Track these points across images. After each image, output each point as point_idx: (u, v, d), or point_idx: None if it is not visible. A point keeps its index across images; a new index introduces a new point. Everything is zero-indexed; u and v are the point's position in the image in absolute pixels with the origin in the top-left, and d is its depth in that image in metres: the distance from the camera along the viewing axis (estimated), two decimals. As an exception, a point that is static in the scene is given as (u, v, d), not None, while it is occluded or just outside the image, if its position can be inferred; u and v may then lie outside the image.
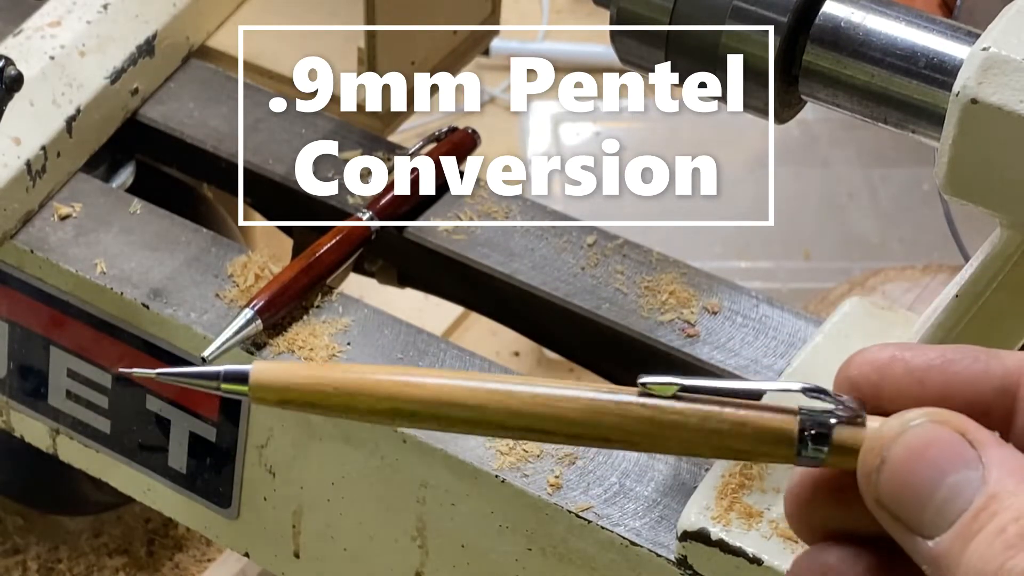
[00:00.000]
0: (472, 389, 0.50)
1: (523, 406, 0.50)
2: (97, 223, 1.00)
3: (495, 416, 0.50)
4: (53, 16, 1.04)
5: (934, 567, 0.46)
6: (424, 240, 1.00)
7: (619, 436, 0.50)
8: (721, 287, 0.97)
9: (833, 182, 1.69)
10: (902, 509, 0.47)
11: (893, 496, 0.47)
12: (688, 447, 0.50)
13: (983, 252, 0.73)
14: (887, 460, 0.47)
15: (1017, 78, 0.67)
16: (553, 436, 0.51)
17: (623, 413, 0.50)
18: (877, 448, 0.47)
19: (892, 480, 0.47)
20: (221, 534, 1.00)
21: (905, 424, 0.47)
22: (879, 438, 0.48)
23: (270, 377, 0.51)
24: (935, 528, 0.46)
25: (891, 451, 0.47)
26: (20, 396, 1.04)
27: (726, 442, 0.50)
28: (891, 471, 0.47)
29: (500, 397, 0.50)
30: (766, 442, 0.50)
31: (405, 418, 0.51)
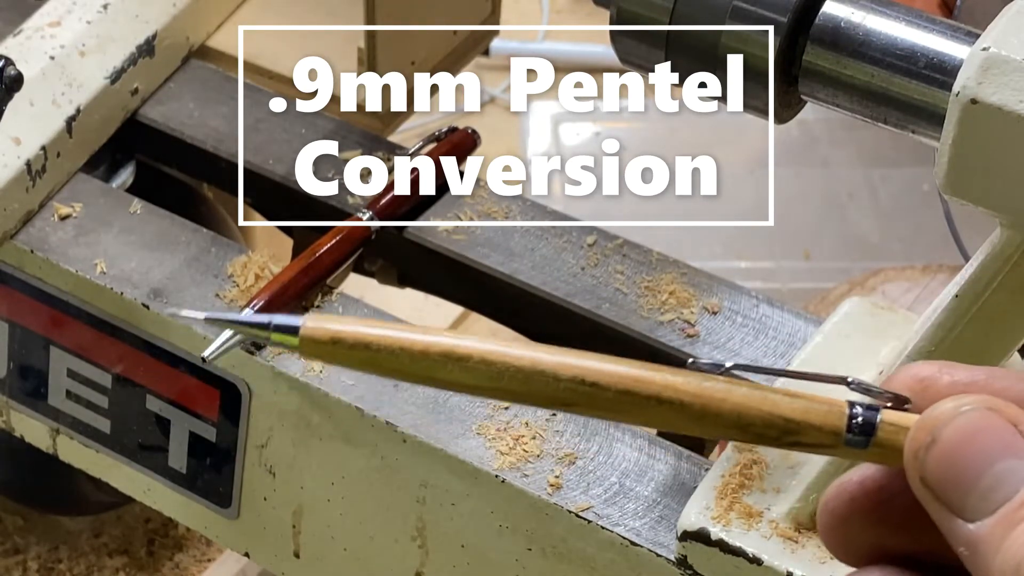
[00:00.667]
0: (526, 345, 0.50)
1: (576, 358, 0.50)
2: (97, 223, 1.00)
3: (549, 366, 0.50)
4: (53, 16, 1.04)
5: (972, 550, 0.46)
6: (424, 240, 1.00)
7: (671, 395, 0.50)
8: (721, 287, 0.97)
9: (833, 182, 1.69)
10: (947, 490, 0.47)
11: (939, 476, 0.47)
12: (739, 416, 0.50)
13: (983, 252, 0.73)
14: (938, 440, 0.47)
15: (1017, 78, 0.67)
16: (603, 391, 0.50)
17: (675, 375, 0.50)
18: (929, 427, 0.48)
19: (940, 460, 0.47)
20: (221, 534, 1.00)
21: (959, 407, 0.48)
22: (931, 418, 0.48)
23: (321, 329, 0.50)
24: (977, 512, 0.46)
25: (943, 432, 0.47)
26: (20, 396, 1.04)
27: (779, 410, 0.50)
28: (940, 451, 0.47)
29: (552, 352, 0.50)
30: (817, 415, 0.49)
31: (456, 363, 0.50)
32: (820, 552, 0.80)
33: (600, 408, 0.50)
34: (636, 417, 0.50)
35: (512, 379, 0.50)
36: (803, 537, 0.80)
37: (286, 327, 0.51)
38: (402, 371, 0.50)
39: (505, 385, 0.50)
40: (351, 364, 0.51)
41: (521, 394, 0.50)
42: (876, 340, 0.86)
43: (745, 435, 0.50)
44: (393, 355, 0.50)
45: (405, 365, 0.50)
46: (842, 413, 0.50)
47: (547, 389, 0.50)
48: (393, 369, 0.50)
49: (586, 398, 0.50)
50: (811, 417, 0.50)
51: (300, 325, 0.51)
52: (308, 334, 0.50)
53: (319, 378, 0.91)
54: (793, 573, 0.79)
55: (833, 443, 0.50)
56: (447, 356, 0.50)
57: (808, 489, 0.80)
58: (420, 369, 0.50)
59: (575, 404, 0.50)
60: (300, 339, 0.51)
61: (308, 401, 0.92)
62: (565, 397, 0.50)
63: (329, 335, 0.50)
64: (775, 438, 0.50)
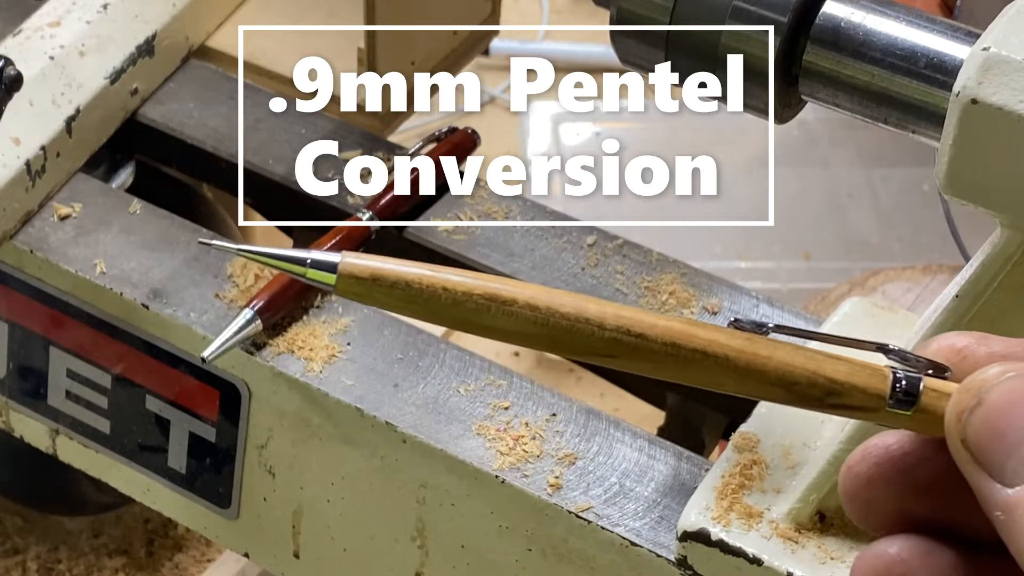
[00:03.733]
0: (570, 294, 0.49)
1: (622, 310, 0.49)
2: (97, 223, 1.00)
3: (594, 314, 0.49)
4: (53, 16, 1.04)
5: (1008, 515, 0.46)
6: (424, 240, 1.00)
7: (716, 349, 0.49)
8: (721, 287, 0.97)
9: (833, 182, 1.69)
10: (987, 453, 0.47)
11: (981, 439, 0.47)
12: (784, 374, 0.49)
13: (983, 252, 0.73)
14: (983, 402, 0.47)
15: (1017, 78, 0.67)
16: (649, 343, 0.49)
17: (718, 331, 0.49)
18: (975, 389, 0.48)
19: (984, 423, 0.47)
20: (221, 534, 1.00)
21: (1005, 371, 0.48)
22: (978, 380, 0.48)
23: (360, 266, 0.49)
24: (1017, 477, 0.46)
25: (989, 394, 0.47)
26: (20, 396, 1.04)
27: (823, 369, 0.49)
28: (985, 413, 0.47)
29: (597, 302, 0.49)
30: (861, 377, 0.49)
31: (499, 307, 0.48)
32: (820, 552, 0.80)
33: (644, 360, 0.49)
34: (680, 372, 0.49)
35: (556, 327, 0.49)
36: (803, 537, 0.80)
37: (324, 263, 0.49)
38: (442, 314, 0.49)
39: (549, 332, 0.49)
40: (389, 305, 0.49)
41: (564, 343, 0.49)
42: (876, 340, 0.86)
43: (789, 394, 0.49)
44: (434, 296, 0.49)
45: (446, 308, 0.49)
46: (885, 377, 0.49)
47: (591, 339, 0.49)
48: (433, 311, 0.49)
49: (631, 349, 0.49)
50: (856, 379, 0.49)
51: (338, 261, 0.49)
52: (347, 270, 0.49)
53: (319, 378, 0.91)
54: (793, 573, 0.79)
55: (876, 406, 0.49)
56: (491, 299, 0.49)
57: (808, 489, 0.80)
58: (461, 312, 0.49)
59: (619, 355, 0.49)
60: (338, 275, 0.49)
61: (308, 401, 0.92)
62: (609, 347, 0.49)
63: (369, 272, 0.49)
64: (818, 399, 0.50)
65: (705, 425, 0.97)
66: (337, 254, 0.49)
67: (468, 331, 0.49)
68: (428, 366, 0.93)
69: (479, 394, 0.91)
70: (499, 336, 0.49)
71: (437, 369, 0.92)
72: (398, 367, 0.92)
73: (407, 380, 0.91)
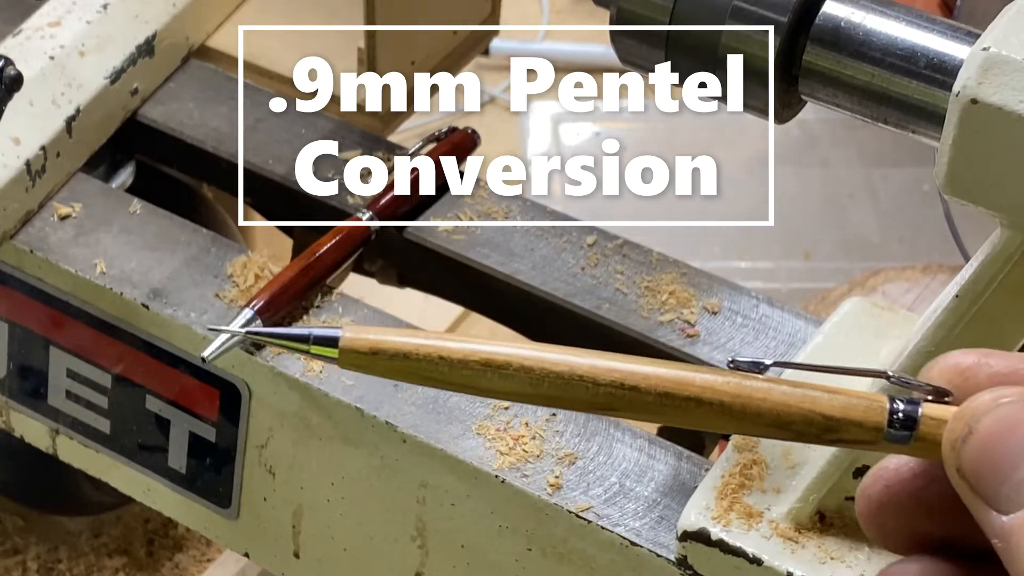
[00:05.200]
0: (564, 350, 0.50)
1: (614, 361, 0.50)
2: (97, 223, 1.00)
3: (587, 371, 0.50)
4: (53, 16, 1.04)
5: (1005, 542, 0.46)
6: (424, 240, 1.00)
7: (711, 397, 0.50)
8: (721, 287, 0.97)
9: (833, 182, 1.69)
10: (982, 481, 0.47)
11: (975, 467, 0.47)
12: (780, 415, 0.50)
13: (983, 252, 0.73)
14: (975, 431, 0.47)
15: (1017, 78, 0.67)
16: (643, 395, 0.50)
17: (714, 375, 0.50)
18: (967, 417, 0.48)
19: (976, 451, 0.47)
20: (221, 534, 1.00)
21: (997, 399, 0.48)
22: (969, 409, 0.48)
23: (360, 340, 0.51)
24: (1012, 504, 0.46)
25: (980, 423, 0.47)
26: (20, 396, 1.04)
27: (819, 408, 0.50)
28: (977, 442, 0.47)
29: (592, 356, 0.50)
30: (858, 412, 0.49)
31: (495, 371, 0.50)
32: (820, 552, 0.80)
33: (640, 411, 0.50)
34: (676, 418, 0.51)
35: (551, 386, 0.50)
36: (803, 537, 0.80)
37: (326, 339, 0.51)
38: (442, 380, 0.51)
39: (544, 391, 0.50)
40: (391, 374, 0.51)
41: (560, 399, 0.51)
42: (876, 340, 0.86)
43: (786, 433, 0.50)
44: (432, 365, 0.51)
45: (444, 374, 0.51)
46: (883, 409, 0.50)
47: (586, 394, 0.50)
48: (433, 378, 0.51)
49: (625, 402, 0.50)
50: (852, 414, 0.50)
51: (339, 336, 0.51)
52: (347, 345, 0.51)
53: (319, 378, 0.91)
54: (793, 573, 0.79)
55: (874, 439, 0.50)
56: (486, 364, 0.50)
57: (808, 489, 0.80)
58: (460, 378, 0.51)
59: (615, 408, 0.51)
60: (340, 351, 0.51)
61: (308, 401, 0.92)
62: (604, 402, 0.51)
63: (368, 346, 0.51)
64: (816, 435, 0.50)
65: (705, 425, 0.97)
66: (338, 329, 0.51)
67: (469, 393, 0.51)
68: (428, 366, 0.92)
69: (479, 394, 0.90)
70: (499, 396, 0.51)
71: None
72: (398, 367, 0.92)
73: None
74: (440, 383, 0.51)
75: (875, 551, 0.80)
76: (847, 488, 0.80)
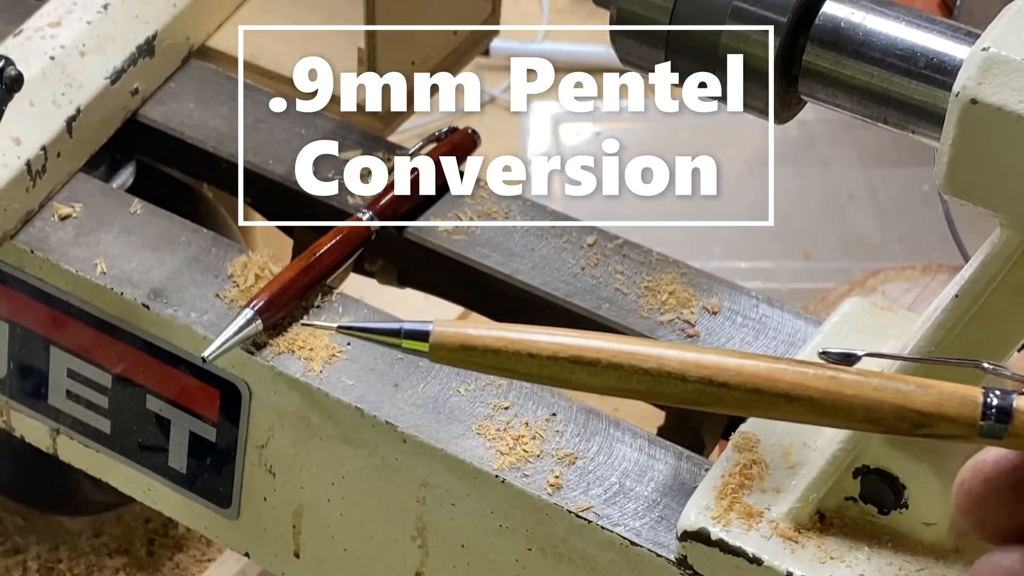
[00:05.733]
0: (652, 343, 0.50)
1: (704, 357, 0.50)
2: (97, 223, 1.00)
3: (676, 367, 0.50)
4: (53, 16, 1.04)
5: None
6: (424, 240, 1.00)
7: (801, 393, 0.49)
8: (721, 287, 0.97)
9: (833, 182, 1.69)
10: None
11: None
12: (871, 411, 0.49)
13: (983, 252, 0.73)
14: None
15: (1017, 78, 0.67)
16: (732, 391, 0.49)
17: (804, 369, 0.50)
18: None
19: None
20: (221, 534, 1.00)
21: None
22: None
23: (451, 334, 0.51)
24: None
25: None
26: (20, 396, 1.04)
27: (911, 403, 0.49)
28: None
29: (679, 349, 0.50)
30: (951, 407, 0.49)
31: (584, 367, 0.50)
32: (820, 552, 0.80)
33: (729, 406, 0.50)
34: (765, 413, 0.50)
35: (640, 382, 0.50)
36: (803, 537, 0.80)
37: (416, 333, 0.52)
38: (531, 374, 0.51)
39: (633, 387, 0.50)
40: (480, 368, 0.51)
41: (651, 394, 0.51)
42: (876, 340, 0.86)
43: (878, 427, 0.50)
44: (522, 360, 0.51)
45: (534, 369, 0.51)
46: (976, 403, 0.49)
47: (675, 390, 0.50)
48: (521, 372, 0.51)
49: (714, 398, 0.50)
50: (944, 409, 0.49)
51: (430, 331, 0.51)
52: (438, 340, 0.51)
53: (319, 378, 0.91)
54: (793, 573, 0.79)
55: (967, 434, 0.49)
56: (576, 360, 0.50)
57: (808, 489, 0.80)
58: (549, 373, 0.51)
59: (704, 403, 0.51)
60: (430, 345, 0.51)
61: (308, 401, 0.92)
62: (693, 397, 0.51)
63: (459, 342, 0.51)
64: (907, 430, 0.50)
65: (705, 425, 0.97)
66: (428, 323, 0.52)
67: (558, 386, 0.52)
68: (428, 366, 0.93)
69: (479, 394, 0.91)
70: (588, 390, 0.51)
71: (437, 369, 0.92)
72: (398, 367, 0.92)
73: (407, 380, 0.91)
74: (531, 378, 0.51)
75: (875, 551, 0.80)
76: (847, 488, 0.80)
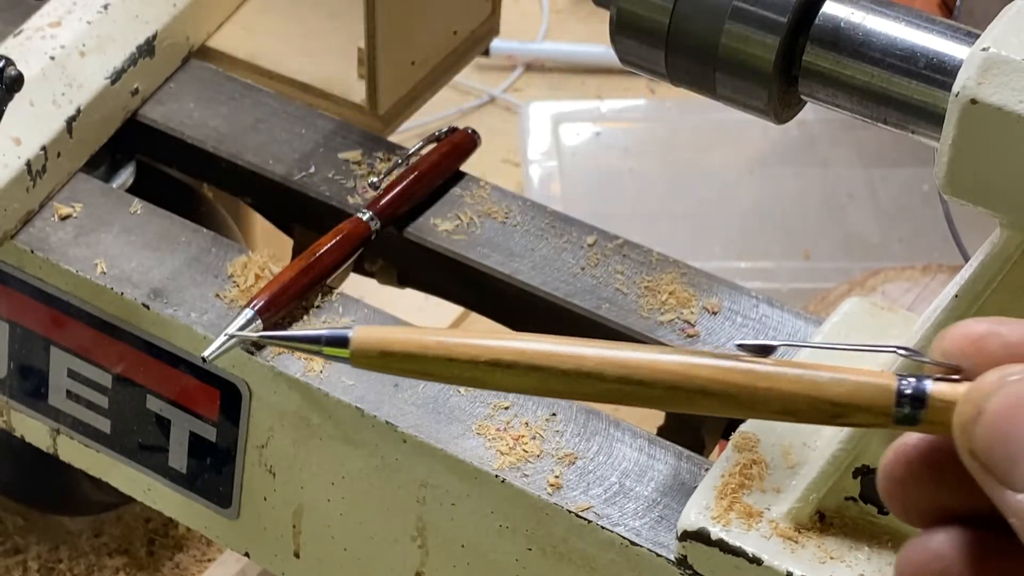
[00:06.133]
0: (574, 342, 0.51)
1: (621, 355, 0.50)
2: (97, 223, 1.00)
3: (593, 366, 0.50)
4: (53, 16, 1.04)
5: (1022, 520, 0.46)
6: (424, 240, 1.00)
7: (717, 388, 0.50)
8: (721, 287, 0.97)
9: (833, 182, 1.69)
10: (995, 461, 0.47)
11: (987, 447, 0.47)
12: (786, 403, 0.50)
13: (983, 252, 0.73)
14: (984, 411, 0.47)
15: (1017, 78, 0.67)
16: (650, 388, 0.50)
17: (720, 362, 0.50)
18: (975, 399, 0.48)
19: (988, 431, 0.47)
20: (221, 534, 1.00)
21: (1005, 377, 0.47)
22: (978, 389, 0.48)
23: (370, 340, 0.51)
24: None
25: (989, 402, 0.47)
26: (20, 396, 1.04)
27: (824, 394, 0.50)
28: (987, 422, 0.47)
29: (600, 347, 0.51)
30: (864, 396, 0.49)
31: (503, 370, 0.51)
32: (820, 552, 0.80)
33: (649, 402, 0.51)
34: (684, 407, 0.51)
35: (559, 382, 0.51)
36: (803, 537, 0.80)
37: (337, 339, 0.52)
38: (453, 377, 0.52)
39: (552, 387, 0.51)
40: (403, 373, 0.52)
41: (571, 393, 0.51)
42: (876, 340, 0.86)
43: (795, 418, 0.50)
44: (442, 365, 0.51)
45: (455, 372, 0.51)
46: (890, 391, 0.50)
47: (594, 389, 0.51)
48: (444, 376, 0.52)
49: (633, 395, 0.51)
50: (858, 399, 0.50)
51: (350, 337, 0.52)
52: (358, 347, 0.52)
53: (319, 378, 0.91)
54: (793, 573, 0.79)
55: (883, 423, 0.50)
56: (495, 364, 0.51)
57: (808, 489, 0.80)
58: (471, 376, 0.51)
59: (624, 400, 0.51)
60: (351, 352, 0.52)
61: (308, 401, 0.92)
62: (612, 396, 0.51)
63: (378, 348, 0.51)
64: (825, 420, 0.50)
65: (705, 425, 0.97)
66: (348, 330, 0.52)
67: (482, 388, 0.52)
68: (428, 366, 0.92)
69: (479, 394, 0.91)
70: (510, 391, 0.52)
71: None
72: (398, 367, 0.92)
73: (407, 380, 0.91)
74: (451, 380, 0.52)
75: (875, 550, 0.80)
76: (847, 488, 0.80)
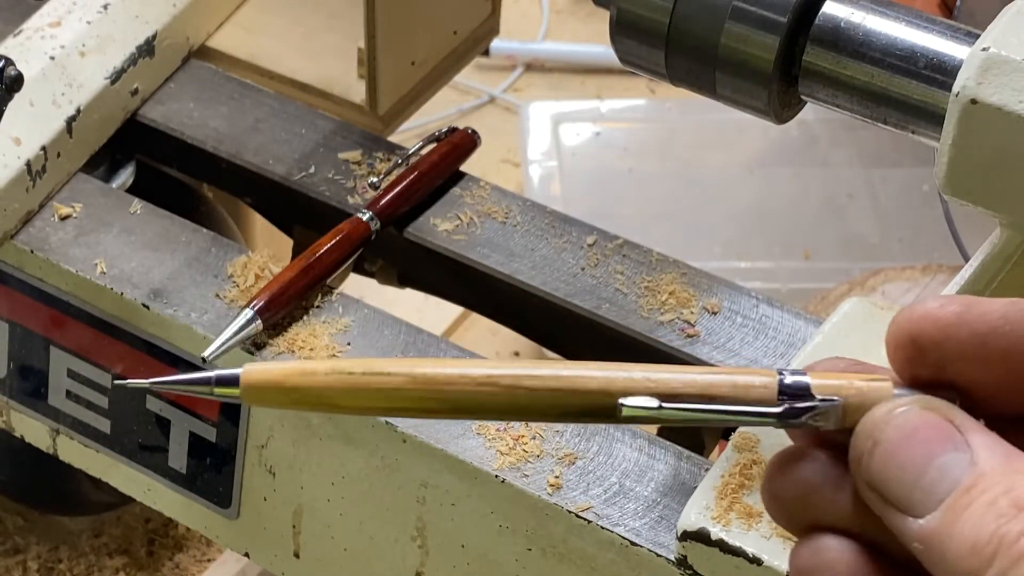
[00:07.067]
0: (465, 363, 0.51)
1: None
2: (97, 223, 1.00)
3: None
4: (53, 16, 1.04)
5: (925, 544, 0.46)
6: (424, 240, 1.00)
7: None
8: (721, 287, 0.97)
9: (833, 182, 1.69)
10: (892, 490, 0.47)
11: (883, 477, 0.48)
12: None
13: (983, 252, 0.73)
14: (879, 442, 0.48)
15: (1017, 78, 0.67)
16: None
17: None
18: (869, 431, 0.48)
19: (883, 462, 0.48)
20: (221, 534, 1.00)
21: (893, 408, 0.48)
22: (871, 422, 0.49)
23: (260, 378, 0.51)
24: (924, 507, 0.47)
25: (883, 433, 0.48)
26: (20, 396, 1.04)
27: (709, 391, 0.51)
28: (882, 453, 0.48)
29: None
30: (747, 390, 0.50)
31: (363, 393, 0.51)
32: (820, 552, 0.80)
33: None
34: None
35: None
36: (803, 537, 0.80)
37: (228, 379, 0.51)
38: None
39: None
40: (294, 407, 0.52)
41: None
42: (876, 340, 0.86)
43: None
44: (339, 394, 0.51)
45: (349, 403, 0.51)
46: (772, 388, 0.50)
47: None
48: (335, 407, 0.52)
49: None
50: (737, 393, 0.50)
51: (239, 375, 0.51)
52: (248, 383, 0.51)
53: (319, 378, 0.91)
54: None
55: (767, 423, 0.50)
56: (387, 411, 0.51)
57: (808, 489, 0.80)
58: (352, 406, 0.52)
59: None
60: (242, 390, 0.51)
61: (308, 401, 0.92)
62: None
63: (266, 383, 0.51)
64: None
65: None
66: (239, 369, 0.51)
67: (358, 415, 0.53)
68: (428, 366, 0.92)
69: (479, 394, 0.90)
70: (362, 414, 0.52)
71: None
72: (398, 367, 0.92)
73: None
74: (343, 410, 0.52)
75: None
76: (847, 488, 0.80)
